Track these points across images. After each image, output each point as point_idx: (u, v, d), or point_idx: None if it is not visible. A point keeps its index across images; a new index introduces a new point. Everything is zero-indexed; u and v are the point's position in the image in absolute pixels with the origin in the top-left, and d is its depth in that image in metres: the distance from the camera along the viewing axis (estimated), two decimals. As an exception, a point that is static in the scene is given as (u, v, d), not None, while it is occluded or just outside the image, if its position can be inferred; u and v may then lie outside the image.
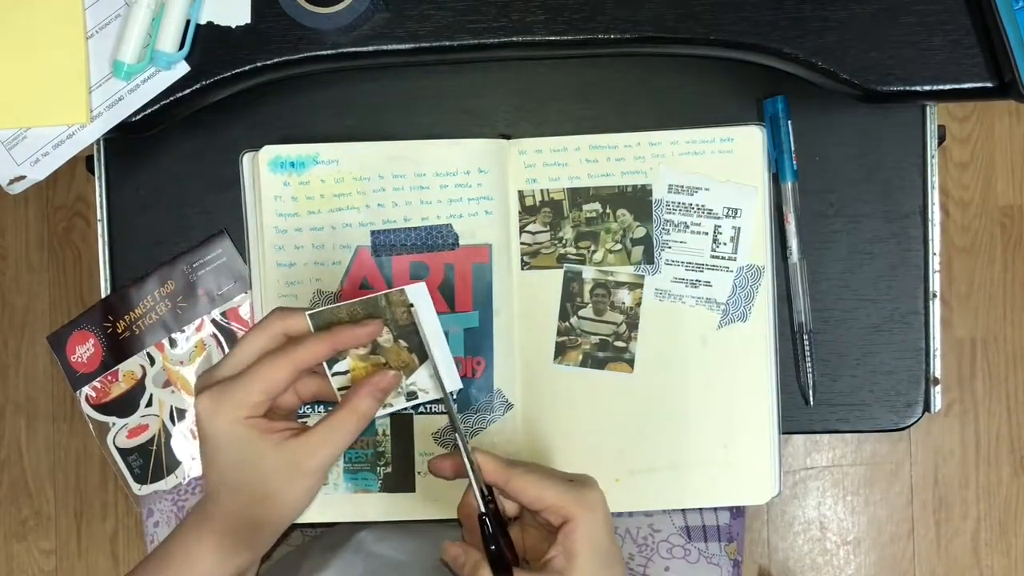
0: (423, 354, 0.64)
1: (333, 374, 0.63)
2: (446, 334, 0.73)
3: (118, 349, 0.77)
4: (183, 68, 0.70)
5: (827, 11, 0.68)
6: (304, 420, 0.74)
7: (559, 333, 0.74)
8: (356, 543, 0.74)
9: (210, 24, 0.70)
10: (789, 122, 0.73)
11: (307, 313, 0.61)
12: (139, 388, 0.77)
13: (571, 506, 0.59)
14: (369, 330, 0.62)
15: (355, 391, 0.61)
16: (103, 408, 0.77)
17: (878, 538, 1.56)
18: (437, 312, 0.73)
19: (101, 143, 0.77)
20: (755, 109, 0.75)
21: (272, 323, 0.61)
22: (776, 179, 0.74)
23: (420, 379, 0.64)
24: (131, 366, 0.77)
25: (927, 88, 0.68)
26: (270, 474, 0.59)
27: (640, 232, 0.74)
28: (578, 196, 0.74)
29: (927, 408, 0.76)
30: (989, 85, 0.67)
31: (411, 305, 0.63)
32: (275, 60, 0.70)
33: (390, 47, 0.70)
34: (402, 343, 0.64)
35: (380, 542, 0.74)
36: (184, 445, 0.77)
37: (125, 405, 0.77)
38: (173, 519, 0.82)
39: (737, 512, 0.85)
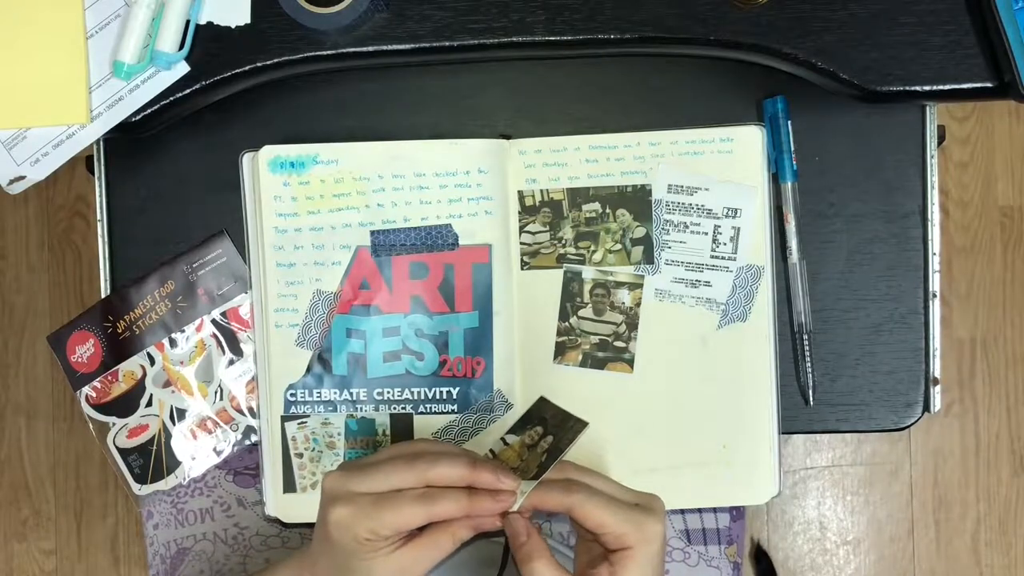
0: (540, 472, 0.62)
1: (502, 437, 0.65)
2: (446, 334, 0.74)
3: (118, 349, 0.77)
4: (183, 68, 0.70)
5: (827, 11, 0.68)
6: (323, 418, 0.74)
7: (559, 333, 0.74)
8: None
9: (210, 24, 0.70)
10: (789, 122, 0.73)
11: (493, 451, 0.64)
12: (139, 388, 0.77)
13: (631, 534, 0.59)
14: (504, 504, 0.61)
15: (461, 522, 0.60)
16: (103, 408, 0.77)
17: (878, 538, 1.56)
18: (436, 312, 0.73)
19: (101, 143, 0.77)
20: (755, 109, 0.75)
21: (421, 464, 0.60)
22: (776, 179, 0.74)
23: (525, 487, 0.62)
24: (131, 366, 0.77)
25: (927, 88, 0.68)
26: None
27: (640, 232, 0.74)
28: (578, 196, 0.74)
29: (927, 408, 0.76)
30: (989, 85, 0.67)
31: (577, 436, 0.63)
32: (275, 60, 0.70)
33: (390, 47, 0.70)
34: (544, 458, 0.63)
35: None
36: (184, 445, 0.77)
37: (125, 405, 0.77)
38: (172, 521, 0.82)
39: (737, 514, 0.85)
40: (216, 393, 0.77)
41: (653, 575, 0.60)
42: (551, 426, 0.65)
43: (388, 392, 0.74)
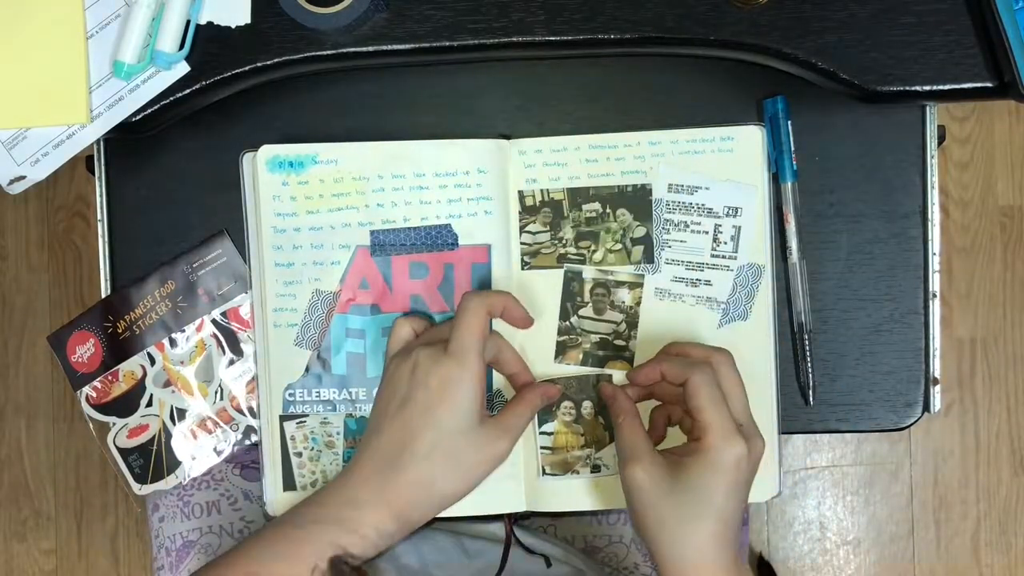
0: (613, 435, 0.71)
1: (540, 433, 0.72)
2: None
3: (118, 349, 0.77)
4: (183, 68, 0.70)
5: (827, 11, 0.68)
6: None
7: (559, 332, 0.74)
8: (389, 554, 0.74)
9: (210, 24, 0.70)
10: (789, 122, 0.73)
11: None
12: (139, 388, 0.77)
13: (720, 442, 0.62)
14: (524, 315, 0.69)
15: (530, 388, 0.69)
16: (103, 408, 0.77)
17: (878, 538, 1.56)
18: (436, 312, 0.73)
19: (101, 143, 0.77)
20: (755, 109, 0.75)
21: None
22: (776, 179, 0.74)
23: (606, 455, 0.73)
24: (131, 366, 0.77)
25: (927, 88, 0.68)
26: (466, 446, 0.64)
27: (640, 232, 0.74)
28: (578, 196, 0.74)
29: (927, 408, 0.76)
30: (989, 85, 0.67)
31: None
32: (275, 60, 0.70)
33: (390, 47, 0.70)
34: (600, 420, 0.73)
35: (409, 554, 0.75)
36: (184, 445, 0.77)
37: (125, 405, 0.77)
38: (179, 514, 0.82)
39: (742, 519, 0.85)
40: (216, 393, 0.77)
41: (722, 494, 0.61)
42: (575, 393, 0.72)
43: (388, 392, 0.74)
